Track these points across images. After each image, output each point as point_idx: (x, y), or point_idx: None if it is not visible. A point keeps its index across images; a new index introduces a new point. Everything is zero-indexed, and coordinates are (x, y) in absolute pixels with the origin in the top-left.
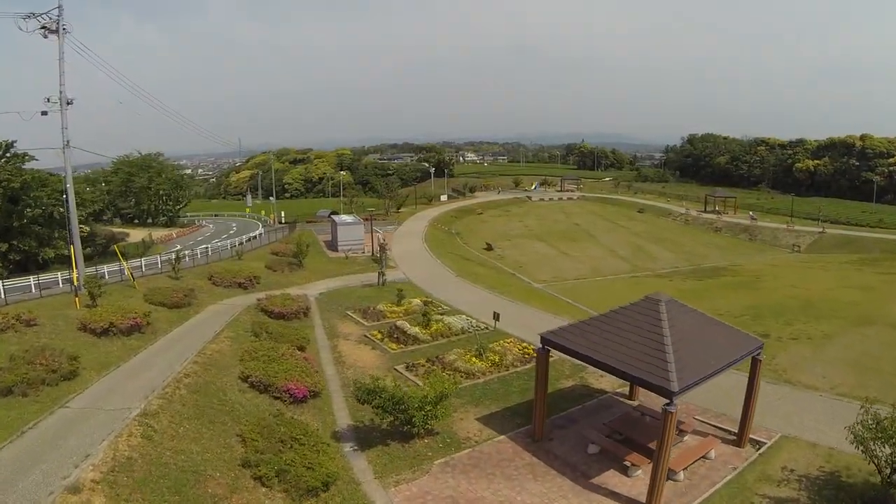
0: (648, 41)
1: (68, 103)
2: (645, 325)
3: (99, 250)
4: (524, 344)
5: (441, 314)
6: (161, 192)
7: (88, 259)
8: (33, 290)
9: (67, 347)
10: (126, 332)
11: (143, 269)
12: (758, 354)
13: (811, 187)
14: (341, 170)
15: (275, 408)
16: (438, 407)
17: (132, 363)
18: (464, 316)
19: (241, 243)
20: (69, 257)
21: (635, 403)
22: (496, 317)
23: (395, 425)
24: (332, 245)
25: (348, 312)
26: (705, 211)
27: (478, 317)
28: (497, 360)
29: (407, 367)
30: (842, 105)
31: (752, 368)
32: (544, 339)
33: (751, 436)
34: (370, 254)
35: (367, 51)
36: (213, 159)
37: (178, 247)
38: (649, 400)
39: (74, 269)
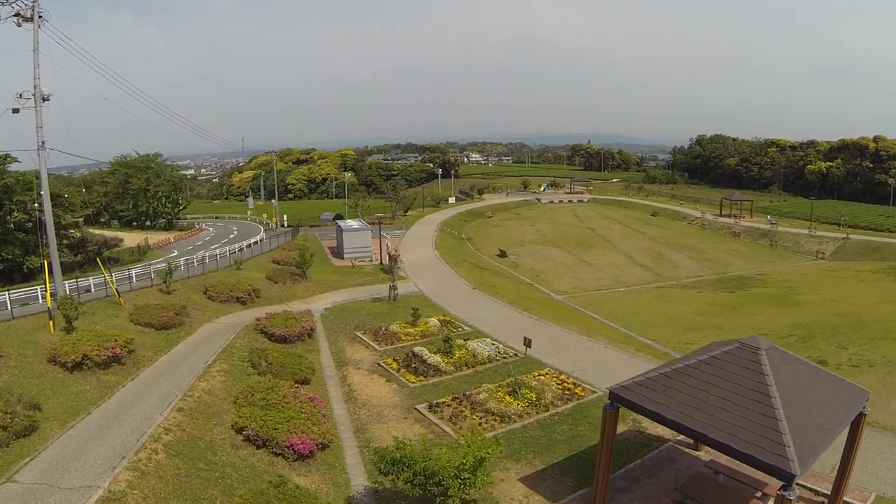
0: (649, 41)
1: (44, 100)
2: (744, 380)
3: (91, 256)
4: (562, 376)
5: (464, 339)
6: (159, 194)
7: (80, 266)
8: (8, 307)
9: (30, 389)
10: (103, 364)
11: (134, 280)
12: (863, 407)
13: (823, 189)
14: (345, 170)
15: (275, 469)
16: (478, 473)
17: (105, 409)
18: (488, 339)
19: (240, 249)
20: (56, 267)
21: (705, 457)
22: (527, 343)
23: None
24: (338, 252)
25: (358, 333)
26: (721, 215)
27: (504, 340)
28: (534, 399)
29: (430, 408)
30: (850, 104)
31: (855, 422)
32: (616, 396)
33: (844, 498)
34: (378, 262)
35: (370, 50)
36: (215, 159)
37: (175, 252)
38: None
39: (49, 288)
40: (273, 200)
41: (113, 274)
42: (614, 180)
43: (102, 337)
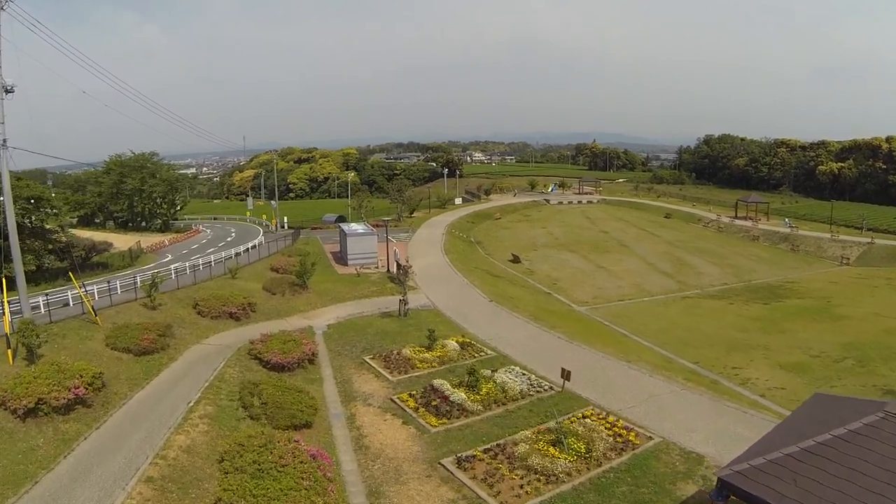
0: (649, 41)
1: (7, 91)
2: None
3: (78, 262)
4: (610, 417)
5: (491, 369)
6: (154, 194)
7: (64, 274)
8: None
9: None
10: (63, 409)
11: (119, 291)
12: None
13: (834, 191)
14: (347, 169)
15: None
16: None
17: (57, 477)
18: (517, 368)
19: (236, 255)
20: (21, 281)
21: None
22: (566, 375)
23: None
24: (341, 258)
25: (366, 358)
26: (736, 217)
27: (535, 368)
28: (583, 451)
29: (458, 463)
30: (850, 104)
31: None
32: (729, 485)
33: None
34: (385, 269)
35: (370, 50)
36: (217, 158)
37: (169, 256)
38: None
39: (7, 310)
40: (273, 201)
41: (94, 286)
42: (620, 180)
43: (65, 372)
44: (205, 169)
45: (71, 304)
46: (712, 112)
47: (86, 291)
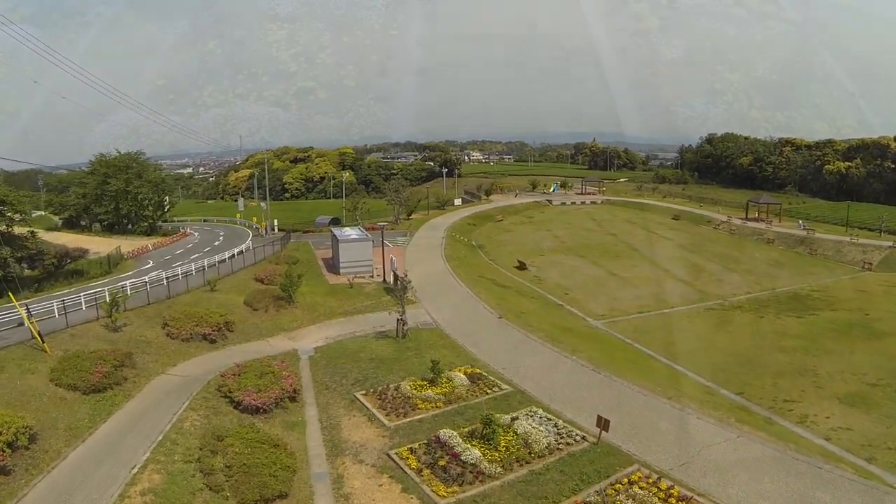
0: (648, 40)
1: None
2: None
3: (50, 270)
4: (663, 483)
5: (509, 413)
6: (140, 195)
7: (35, 283)
8: None
9: None
10: None
11: (83, 307)
12: None
13: (841, 191)
14: (343, 168)
15: None
16: None
17: None
18: (540, 411)
19: (220, 262)
20: (9, 283)
21: None
22: (603, 425)
23: None
24: (334, 265)
25: (357, 395)
26: (747, 218)
27: (560, 409)
28: None
29: None
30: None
31: None
32: None
33: None
34: (381, 279)
35: (366, 48)
36: (214, 157)
37: (151, 263)
38: None
39: None
40: (263, 203)
41: (54, 302)
42: (622, 180)
43: None
44: (201, 169)
45: (26, 323)
46: (712, 112)
47: (29, 315)
